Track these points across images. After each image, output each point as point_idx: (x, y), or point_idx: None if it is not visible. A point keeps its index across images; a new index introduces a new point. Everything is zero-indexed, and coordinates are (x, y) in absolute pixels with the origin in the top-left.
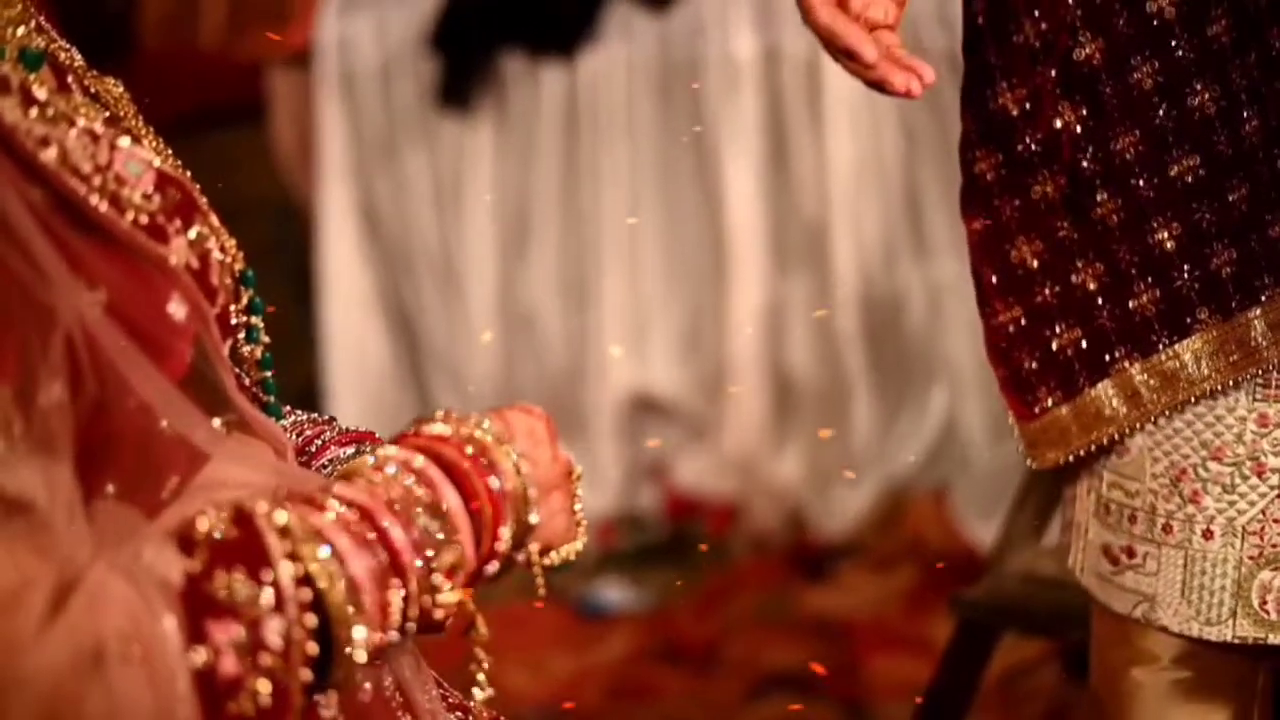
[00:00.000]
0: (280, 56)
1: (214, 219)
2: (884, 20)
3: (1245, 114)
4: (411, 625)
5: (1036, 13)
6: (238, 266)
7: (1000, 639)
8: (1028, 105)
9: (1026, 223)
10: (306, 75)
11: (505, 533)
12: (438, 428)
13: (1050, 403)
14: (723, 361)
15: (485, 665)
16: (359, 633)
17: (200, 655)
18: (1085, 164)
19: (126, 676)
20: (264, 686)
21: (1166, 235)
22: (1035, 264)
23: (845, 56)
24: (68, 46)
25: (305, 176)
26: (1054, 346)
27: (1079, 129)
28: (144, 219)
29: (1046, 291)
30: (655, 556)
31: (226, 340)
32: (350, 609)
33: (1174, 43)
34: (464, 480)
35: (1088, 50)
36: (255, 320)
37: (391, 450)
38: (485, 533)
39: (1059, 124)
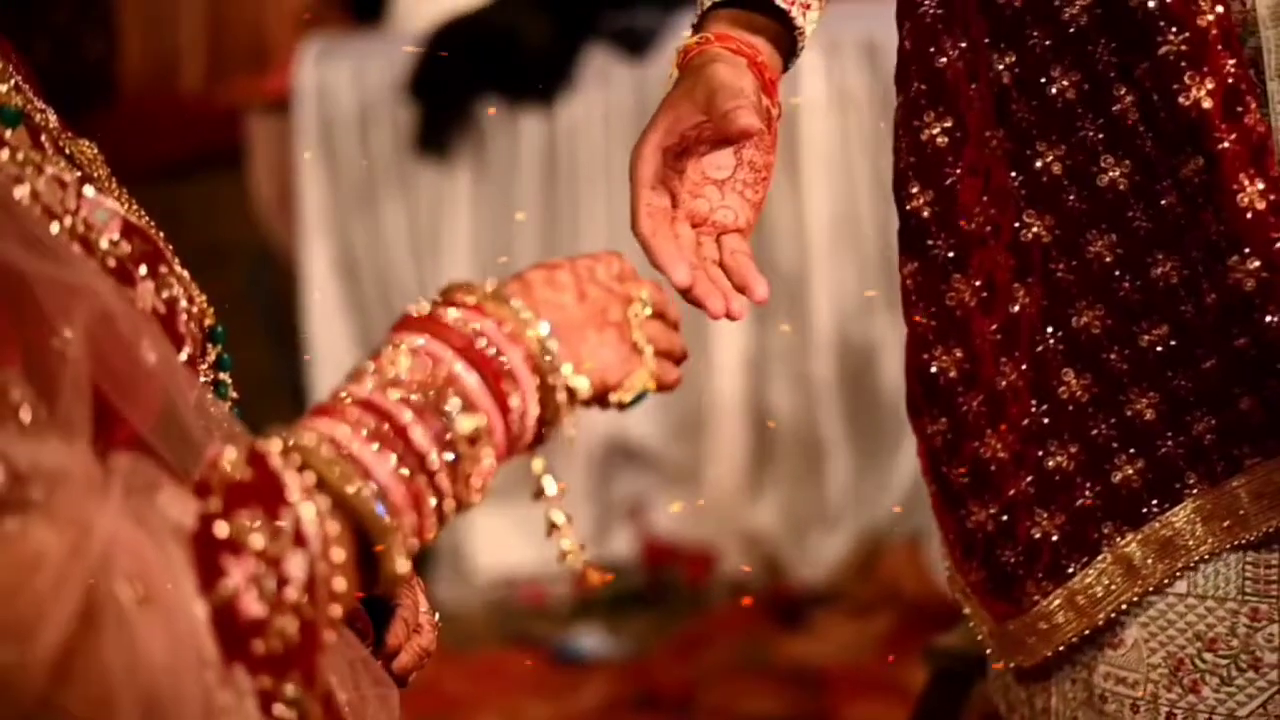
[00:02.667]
0: (259, 103)
1: (182, 272)
2: (733, 224)
3: (1204, 285)
4: (450, 507)
5: (985, 198)
6: (206, 321)
7: (974, 686)
8: (985, 294)
9: (995, 415)
10: (285, 122)
11: (522, 382)
12: (429, 306)
13: (1039, 595)
14: (701, 410)
15: (562, 523)
16: (395, 537)
17: (218, 595)
18: (1047, 346)
19: (142, 622)
20: (290, 625)
21: (1145, 404)
22: (1007, 455)
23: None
24: (44, 108)
25: (284, 223)
26: (1036, 536)
27: (1035, 310)
28: (111, 263)
29: (1022, 481)
30: (632, 604)
31: (192, 391)
32: (383, 515)
33: (1130, 214)
34: (467, 346)
35: (1035, 229)
36: (224, 376)
37: (392, 338)
38: (504, 390)
39: (1016, 308)
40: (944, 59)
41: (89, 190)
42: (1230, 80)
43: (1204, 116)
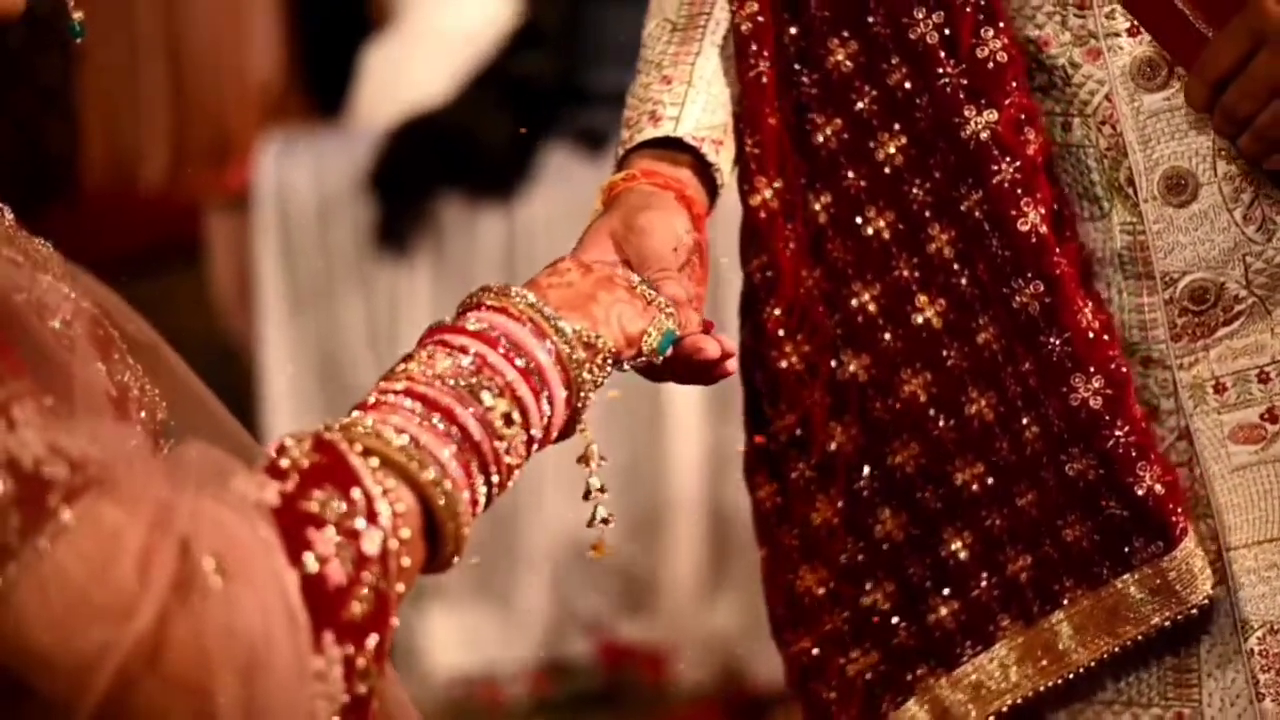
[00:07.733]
0: (219, 199)
1: (134, 363)
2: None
3: (1025, 420)
4: (496, 487)
5: (799, 336)
6: (159, 415)
7: None
8: (798, 432)
9: (809, 550)
10: (245, 217)
11: (547, 367)
12: (451, 317)
13: None
14: (659, 507)
15: (597, 489)
16: (459, 514)
17: (306, 566)
18: (862, 484)
19: (233, 592)
20: (367, 598)
21: (960, 545)
22: (822, 591)
23: None
24: (1, 205)
25: (243, 318)
26: (851, 673)
27: (852, 449)
28: (65, 343)
29: (838, 619)
30: (590, 704)
31: None
32: (444, 492)
33: (945, 352)
34: (491, 339)
35: (852, 368)
36: None
37: (421, 343)
38: (531, 375)
39: (832, 446)
40: (758, 197)
41: (41, 276)
42: (1055, 206)
43: (1042, 240)
